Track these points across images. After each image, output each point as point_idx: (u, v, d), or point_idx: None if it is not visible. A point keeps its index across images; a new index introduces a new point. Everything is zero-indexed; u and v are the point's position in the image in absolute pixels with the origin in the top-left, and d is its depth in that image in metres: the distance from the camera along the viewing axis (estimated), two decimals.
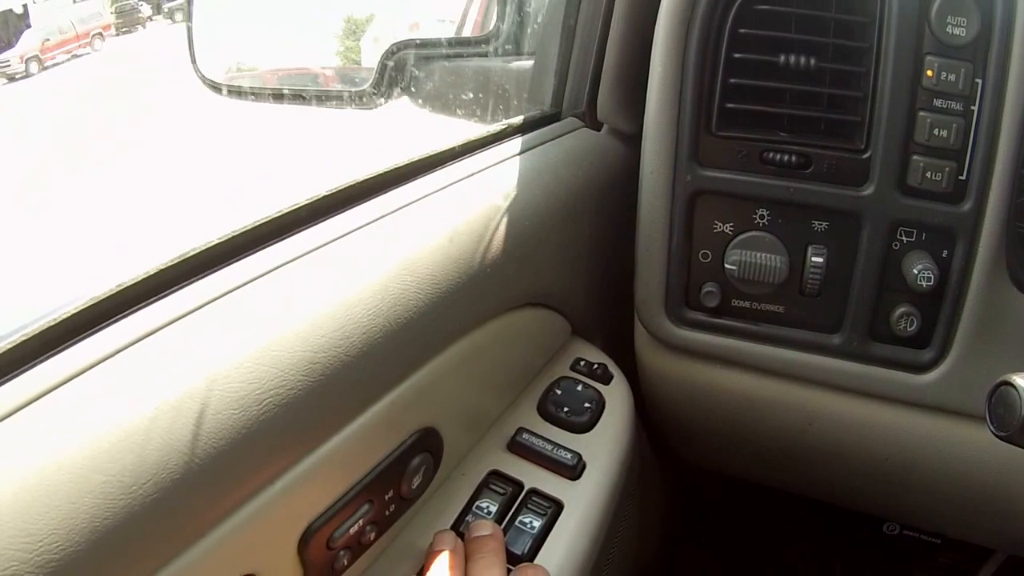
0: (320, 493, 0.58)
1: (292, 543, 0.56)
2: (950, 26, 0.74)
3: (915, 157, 0.77)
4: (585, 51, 0.97)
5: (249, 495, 0.51)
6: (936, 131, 0.76)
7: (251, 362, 0.52)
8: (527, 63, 1.06)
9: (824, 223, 0.80)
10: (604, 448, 0.82)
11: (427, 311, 0.65)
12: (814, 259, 0.80)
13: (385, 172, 0.77)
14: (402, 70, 1.15)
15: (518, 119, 0.94)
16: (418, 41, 1.23)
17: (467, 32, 1.47)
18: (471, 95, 1.10)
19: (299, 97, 1.27)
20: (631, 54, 0.93)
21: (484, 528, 0.70)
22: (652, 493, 0.98)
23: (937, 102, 0.76)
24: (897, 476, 0.89)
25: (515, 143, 0.89)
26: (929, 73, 0.76)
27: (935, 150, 0.76)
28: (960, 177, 0.76)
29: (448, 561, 0.64)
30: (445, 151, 0.84)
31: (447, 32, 1.57)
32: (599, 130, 0.99)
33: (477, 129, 0.93)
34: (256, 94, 1.28)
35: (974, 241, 0.77)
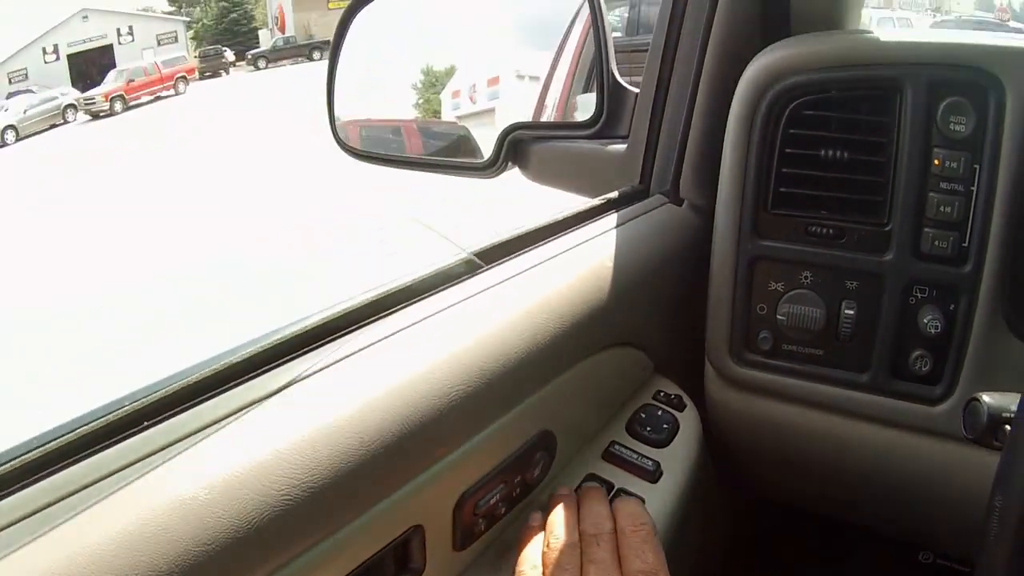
0: (473, 470, 0.81)
1: (450, 505, 0.79)
2: (952, 124, 0.94)
3: (926, 229, 0.95)
4: (670, 141, 1.20)
5: (428, 464, 0.75)
6: (942, 208, 0.94)
7: (442, 367, 0.78)
8: (621, 147, 1.28)
9: (855, 282, 0.99)
10: (677, 459, 1.02)
11: (550, 343, 0.89)
12: (847, 311, 0.99)
13: (518, 236, 1.02)
14: (515, 147, 1.38)
15: (614, 194, 1.17)
16: (529, 123, 1.45)
17: (550, 98, 1.59)
18: (574, 172, 1.33)
19: (428, 165, 1.51)
20: (707, 145, 1.14)
21: (590, 488, 0.94)
22: (713, 513, 1.16)
23: (943, 185, 0.94)
24: (919, 495, 1.05)
25: (613, 217, 1.12)
26: (936, 162, 0.95)
27: (942, 223, 0.94)
28: (963, 244, 0.94)
29: (565, 500, 0.89)
30: (559, 221, 1.08)
31: (526, 86, 1.66)
32: (680, 205, 1.20)
33: (580, 201, 1.16)
34: (390, 160, 1.52)
35: (974, 296, 0.94)
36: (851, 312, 1.00)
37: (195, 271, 8.36)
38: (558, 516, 0.86)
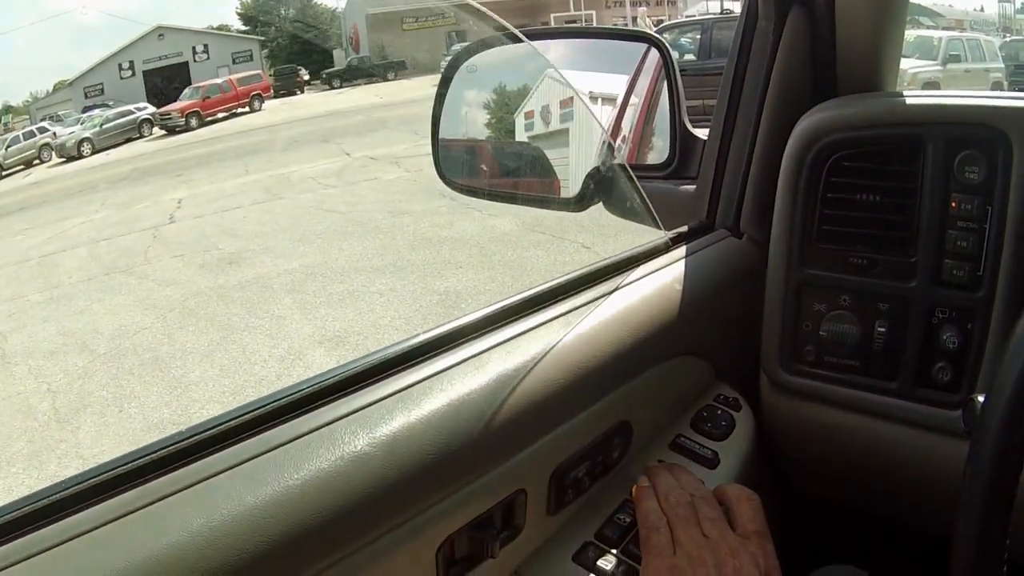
0: (566, 448, 1.03)
1: (547, 475, 1.02)
2: (967, 172, 1.11)
3: (946, 260, 1.12)
4: (732, 184, 1.40)
5: (532, 441, 0.98)
6: (959, 243, 1.11)
7: (546, 366, 1.01)
8: (690, 187, 1.49)
9: (886, 305, 1.17)
10: (733, 450, 1.21)
11: (631, 349, 1.11)
12: (879, 329, 1.17)
13: (613, 263, 1.24)
14: (600, 185, 1.56)
15: (684, 229, 1.38)
16: (611, 166, 1.65)
17: (622, 136, 1.73)
18: (652, 208, 1.53)
19: (519, 198, 1.71)
20: (764, 187, 1.33)
21: (675, 464, 1.14)
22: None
23: (960, 223, 1.11)
24: (941, 490, 1.13)
25: (684, 248, 1.32)
26: (953, 204, 1.11)
27: (959, 255, 1.11)
28: (978, 273, 1.10)
29: (662, 469, 1.09)
30: (642, 253, 1.29)
31: (599, 108, 1.75)
32: (740, 238, 1.39)
33: (656, 233, 1.36)
34: (488, 194, 1.73)
35: (988, 316, 1.09)
36: (882, 330, 1.17)
37: None
38: (667, 481, 1.06)
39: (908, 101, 1.20)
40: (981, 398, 0.85)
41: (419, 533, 0.86)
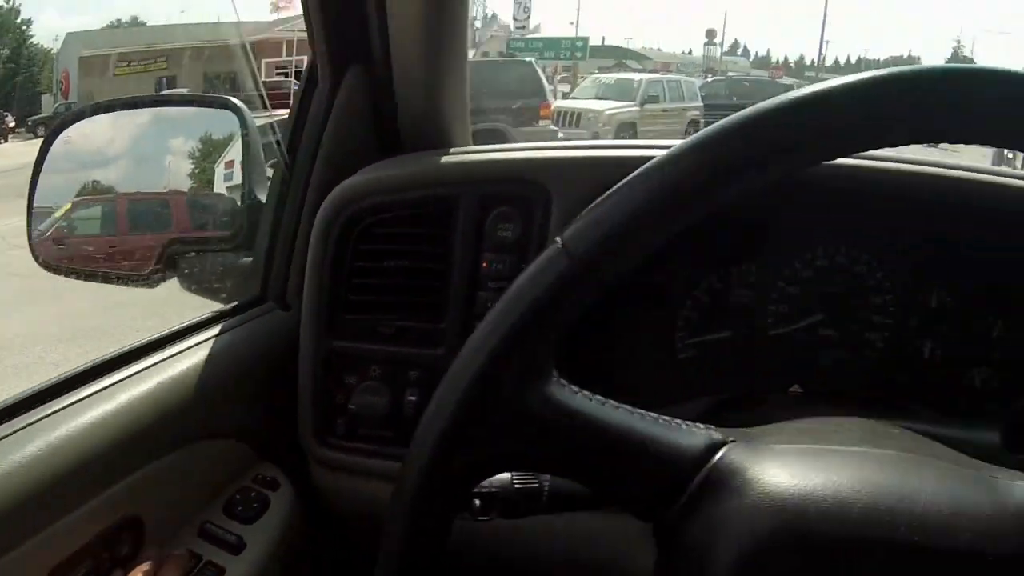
0: (63, 549, 0.93)
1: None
2: (500, 230, 1.12)
3: (476, 323, 1.05)
4: (283, 255, 1.37)
5: (17, 542, 0.86)
6: (490, 304, 1.06)
7: (32, 448, 0.92)
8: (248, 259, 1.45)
9: (416, 372, 1.17)
10: (262, 533, 1.16)
11: (141, 436, 1.04)
12: (409, 398, 1.17)
13: (141, 347, 1.16)
14: (173, 259, 1.48)
15: (230, 305, 1.33)
16: (184, 237, 1.55)
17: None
18: (217, 282, 1.48)
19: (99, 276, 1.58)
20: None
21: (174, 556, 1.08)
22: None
23: (491, 284, 1.12)
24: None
25: (227, 323, 1.26)
26: (484, 264, 1.13)
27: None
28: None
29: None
30: (175, 332, 1.22)
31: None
32: (288, 311, 1.35)
33: (209, 307, 1.32)
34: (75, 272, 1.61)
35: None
36: (413, 399, 1.18)
37: None
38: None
39: (444, 160, 1.21)
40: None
41: None
